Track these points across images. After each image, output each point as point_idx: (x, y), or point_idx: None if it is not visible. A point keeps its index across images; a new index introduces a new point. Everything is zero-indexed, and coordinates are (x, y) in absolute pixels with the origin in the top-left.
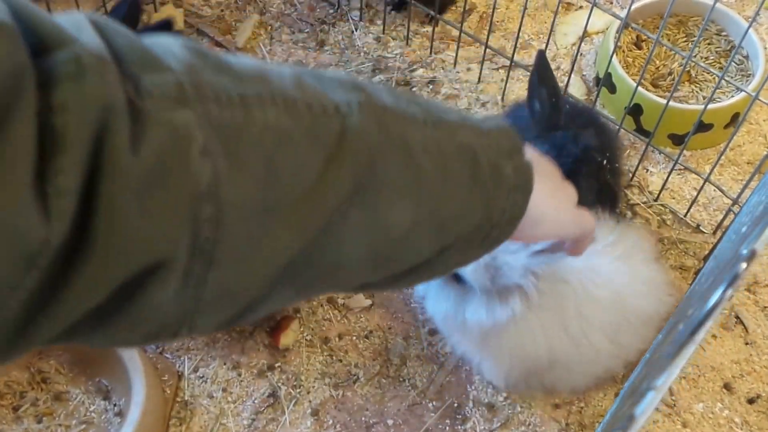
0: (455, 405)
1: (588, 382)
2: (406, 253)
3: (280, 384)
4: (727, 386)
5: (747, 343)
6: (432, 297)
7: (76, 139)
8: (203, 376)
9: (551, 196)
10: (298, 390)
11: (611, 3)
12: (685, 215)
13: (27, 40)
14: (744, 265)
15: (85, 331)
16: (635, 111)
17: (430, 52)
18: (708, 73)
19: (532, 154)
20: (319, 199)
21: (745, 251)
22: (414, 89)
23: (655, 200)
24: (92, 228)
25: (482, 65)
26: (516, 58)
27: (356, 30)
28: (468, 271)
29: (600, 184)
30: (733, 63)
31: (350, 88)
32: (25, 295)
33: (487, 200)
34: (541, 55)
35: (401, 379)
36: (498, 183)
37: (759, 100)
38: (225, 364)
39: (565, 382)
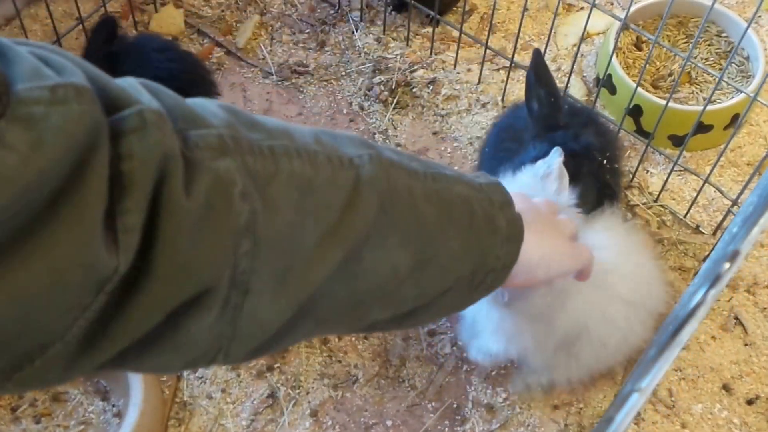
0: (454, 406)
1: (605, 361)
2: (410, 293)
3: (279, 385)
4: (726, 387)
5: (746, 344)
6: None
7: (140, 183)
8: (202, 377)
9: (544, 242)
10: (297, 391)
11: (611, 4)
12: (684, 216)
13: (100, 100)
14: (727, 265)
15: (134, 356)
16: (635, 112)
17: (431, 53)
18: (708, 74)
19: (524, 201)
20: (337, 240)
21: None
22: (414, 90)
23: (655, 201)
24: (151, 259)
25: (482, 66)
26: (516, 59)
27: (357, 31)
28: None
29: (600, 184)
30: (733, 64)
31: (361, 145)
32: (92, 316)
33: (483, 248)
34: (538, 54)
35: (400, 380)
36: (492, 232)
37: (758, 101)
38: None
39: (577, 364)
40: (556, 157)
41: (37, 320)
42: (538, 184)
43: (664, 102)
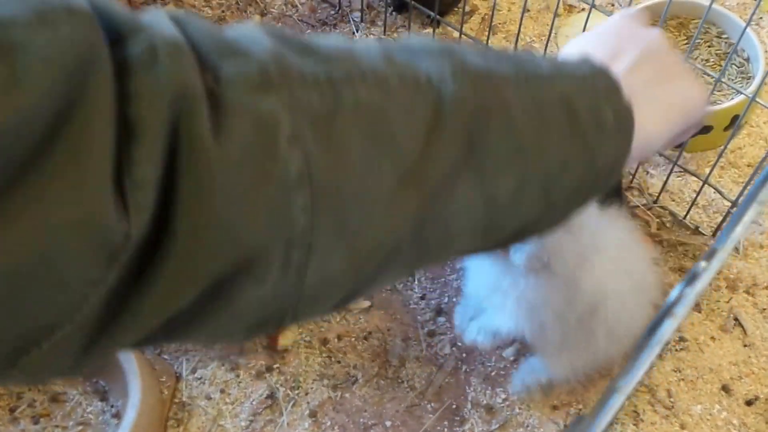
0: (454, 406)
1: (617, 344)
2: (514, 216)
3: (278, 385)
4: (725, 388)
5: (745, 345)
6: None
7: (151, 129)
8: (201, 378)
9: (662, 103)
10: (296, 391)
11: (612, 5)
12: (684, 217)
13: (103, 30)
14: (703, 263)
15: (181, 328)
16: None
17: None
18: (707, 75)
19: (637, 44)
20: (421, 176)
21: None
22: None
23: (655, 202)
24: (174, 222)
25: None
26: None
27: (357, 31)
28: None
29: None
30: (733, 65)
31: (441, 55)
32: (107, 291)
33: (590, 150)
34: None
35: (400, 381)
36: (599, 130)
37: (757, 102)
38: (223, 365)
39: (593, 343)
40: None
41: (35, 294)
42: None
43: None
